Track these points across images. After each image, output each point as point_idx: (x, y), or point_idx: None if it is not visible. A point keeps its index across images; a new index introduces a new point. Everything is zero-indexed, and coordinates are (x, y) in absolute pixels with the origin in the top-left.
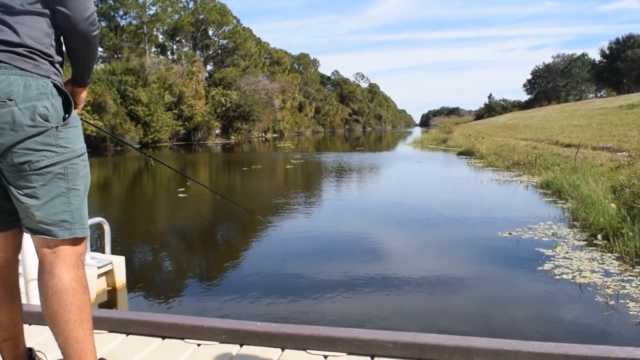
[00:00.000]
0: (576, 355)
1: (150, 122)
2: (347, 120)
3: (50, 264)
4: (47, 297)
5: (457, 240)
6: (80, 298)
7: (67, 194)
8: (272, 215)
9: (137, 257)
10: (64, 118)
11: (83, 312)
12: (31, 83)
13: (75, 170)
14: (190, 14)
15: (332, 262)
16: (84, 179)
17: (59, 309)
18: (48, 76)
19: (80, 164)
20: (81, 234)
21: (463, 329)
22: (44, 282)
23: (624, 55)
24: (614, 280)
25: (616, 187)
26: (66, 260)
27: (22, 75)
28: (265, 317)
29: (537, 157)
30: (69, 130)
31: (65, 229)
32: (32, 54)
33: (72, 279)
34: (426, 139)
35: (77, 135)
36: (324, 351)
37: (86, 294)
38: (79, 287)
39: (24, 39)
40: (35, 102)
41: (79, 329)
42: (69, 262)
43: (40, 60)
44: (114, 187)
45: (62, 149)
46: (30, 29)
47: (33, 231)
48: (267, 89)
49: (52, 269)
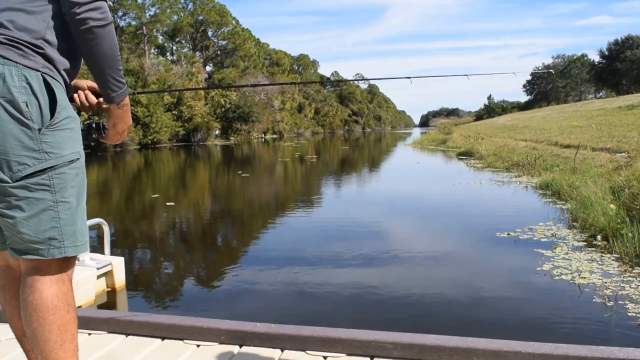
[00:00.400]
0: (576, 356)
1: (150, 123)
2: (347, 121)
3: (32, 278)
4: (26, 314)
5: (456, 240)
6: (62, 317)
7: (54, 207)
8: (271, 216)
9: (137, 258)
10: (50, 118)
11: (65, 333)
12: (12, 73)
13: (62, 180)
14: (190, 14)
15: (332, 264)
16: (76, 190)
17: (38, 327)
18: (37, 69)
19: (69, 172)
20: (73, 252)
21: (462, 330)
22: (24, 296)
23: (623, 56)
24: (613, 281)
25: (615, 188)
26: (49, 275)
27: (5, 65)
28: (264, 317)
29: (536, 158)
30: (56, 133)
31: (54, 247)
32: (15, 43)
33: (54, 295)
34: (425, 140)
35: (67, 139)
36: (323, 352)
37: (70, 312)
38: (62, 305)
39: (6, 25)
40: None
41: (60, 351)
42: (53, 277)
43: (28, 52)
44: (113, 188)
45: (46, 155)
46: (21, 18)
47: (19, 252)
48: (266, 90)
49: (33, 283)
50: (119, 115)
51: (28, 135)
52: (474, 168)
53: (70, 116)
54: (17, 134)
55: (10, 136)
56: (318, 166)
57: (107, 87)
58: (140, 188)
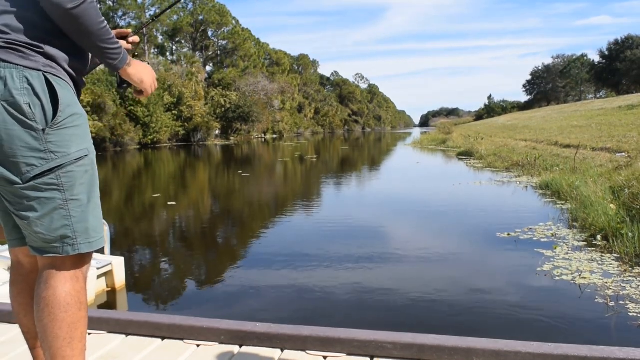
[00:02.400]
0: (576, 355)
1: (150, 123)
2: (347, 121)
3: (47, 273)
4: (38, 309)
5: (456, 240)
6: (73, 315)
7: (64, 206)
8: (271, 216)
9: (137, 258)
10: (53, 118)
11: (75, 331)
12: (14, 75)
13: (71, 178)
14: (190, 14)
15: (331, 264)
16: (85, 187)
17: (49, 323)
18: (38, 69)
19: (77, 170)
20: (86, 249)
21: (462, 330)
22: (38, 292)
23: (623, 56)
24: (613, 281)
25: (615, 188)
26: (64, 272)
27: (6, 68)
28: (264, 317)
29: (536, 157)
30: (61, 132)
31: (68, 245)
32: (14, 45)
33: (67, 293)
34: (425, 140)
35: (74, 136)
36: (323, 352)
37: (82, 311)
38: (74, 302)
39: (3, 29)
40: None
41: (68, 348)
42: (68, 274)
43: (28, 52)
44: (113, 187)
45: (52, 155)
46: (17, 20)
47: (38, 250)
48: (266, 90)
49: (48, 279)
50: (136, 72)
51: (33, 136)
52: (474, 168)
53: (76, 113)
54: (22, 135)
55: (16, 138)
56: (318, 166)
57: (107, 58)
58: (141, 188)
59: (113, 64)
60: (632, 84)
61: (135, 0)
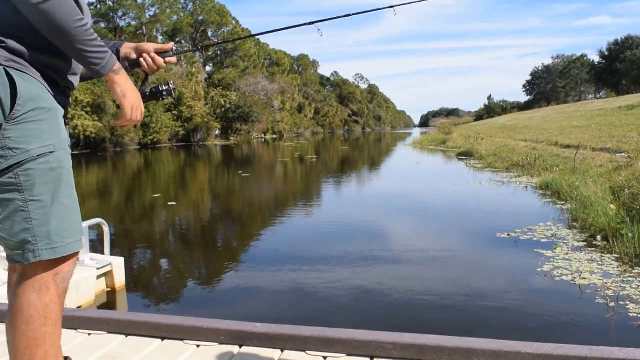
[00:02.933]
0: (576, 356)
1: (150, 123)
2: (347, 121)
3: (16, 281)
4: (7, 317)
5: (456, 241)
6: (35, 330)
7: (24, 207)
8: (271, 216)
9: (137, 258)
10: (10, 112)
11: (36, 348)
12: None
13: (31, 176)
14: (190, 15)
15: (332, 264)
16: (50, 186)
17: (9, 334)
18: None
19: (38, 168)
20: (49, 255)
21: (462, 330)
22: (9, 298)
23: (623, 56)
24: (613, 281)
25: (615, 188)
26: (30, 281)
27: None
28: (264, 317)
29: (536, 158)
30: (20, 127)
31: (28, 251)
32: None
33: (31, 304)
34: (425, 140)
35: (36, 131)
36: (323, 352)
37: (47, 326)
38: (38, 316)
39: None
40: None
41: None
42: (35, 283)
43: None
44: (113, 188)
45: (10, 152)
46: None
47: (8, 258)
48: (266, 90)
49: (15, 288)
50: (123, 84)
51: None
52: (474, 168)
53: (40, 107)
54: None
55: None
56: (318, 166)
57: (87, 62)
58: (141, 188)
59: (94, 69)
60: (632, 84)
61: (135, 1)
